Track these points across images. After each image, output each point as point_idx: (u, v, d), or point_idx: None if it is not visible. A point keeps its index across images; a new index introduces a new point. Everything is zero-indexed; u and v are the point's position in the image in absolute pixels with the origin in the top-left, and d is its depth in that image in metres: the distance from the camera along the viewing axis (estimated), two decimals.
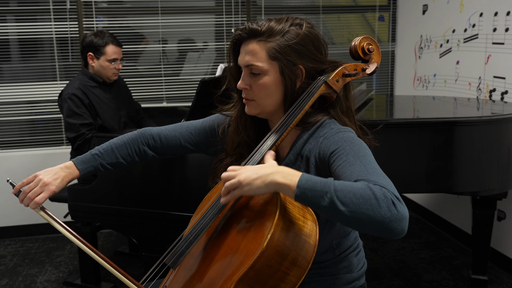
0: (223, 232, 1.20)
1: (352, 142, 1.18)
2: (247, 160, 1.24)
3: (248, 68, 1.27)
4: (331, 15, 4.14)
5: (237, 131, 1.37)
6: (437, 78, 3.62)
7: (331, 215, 1.02)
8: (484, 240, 2.44)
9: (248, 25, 1.26)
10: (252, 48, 1.25)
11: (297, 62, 1.24)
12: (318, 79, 1.27)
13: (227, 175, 1.12)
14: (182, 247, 1.18)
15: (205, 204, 1.33)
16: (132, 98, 3.20)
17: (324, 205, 1.00)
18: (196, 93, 2.31)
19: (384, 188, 1.01)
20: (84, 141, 2.70)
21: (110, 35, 2.86)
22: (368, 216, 0.98)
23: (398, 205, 0.99)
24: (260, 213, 1.13)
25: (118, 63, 2.87)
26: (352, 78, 1.31)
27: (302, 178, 1.04)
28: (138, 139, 1.47)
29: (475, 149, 2.19)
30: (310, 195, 1.02)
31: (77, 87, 2.77)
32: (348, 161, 1.12)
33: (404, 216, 0.99)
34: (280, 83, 1.26)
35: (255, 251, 1.05)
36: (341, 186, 1.01)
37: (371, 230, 1.00)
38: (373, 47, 1.34)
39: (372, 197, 0.98)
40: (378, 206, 0.98)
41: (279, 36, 1.24)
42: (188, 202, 2.09)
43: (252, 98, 1.29)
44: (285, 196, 1.14)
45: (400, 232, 0.99)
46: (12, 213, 3.62)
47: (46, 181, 1.32)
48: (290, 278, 1.09)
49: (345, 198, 0.99)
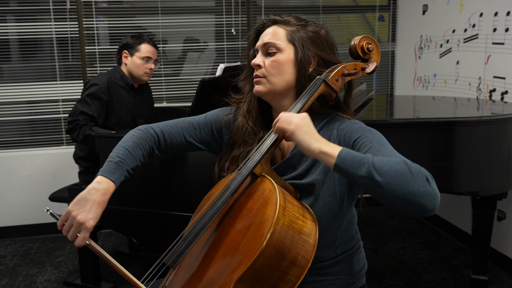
0: (223, 231, 1.20)
1: (371, 130, 1.24)
2: (246, 160, 1.24)
3: (265, 47, 1.33)
4: (331, 15, 4.14)
5: (245, 119, 1.40)
6: (437, 78, 3.62)
7: (368, 185, 1.06)
8: (484, 240, 2.44)
9: (272, 16, 1.37)
10: (272, 30, 1.34)
11: (312, 50, 1.30)
12: (318, 79, 1.28)
13: (286, 114, 1.19)
14: (182, 247, 1.18)
15: (205, 203, 1.33)
16: (154, 109, 3.18)
17: (362, 174, 1.06)
18: (196, 93, 2.31)
19: (418, 165, 1.07)
20: (75, 126, 2.68)
21: (147, 36, 2.89)
22: (403, 188, 1.03)
23: (432, 182, 1.05)
24: (260, 212, 1.13)
25: (152, 63, 2.87)
26: (352, 77, 1.31)
27: (343, 150, 1.10)
28: (146, 138, 1.40)
29: (475, 149, 2.19)
30: (349, 165, 1.08)
31: (105, 80, 2.77)
32: (374, 147, 1.17)
33: (436, 193, 1.05)
34: (293, 65, 1.31)
35: (255, 251, 1.05)
36: (379, 158, 1.07)
37: (404, 204, 1.04)
38: (372, 46, 1.35)
39: (408, 171, 1.04)
40: (413, 180, 1.03)
41: (299, 26, 1.33)
42: (188, 202, 2.09)
43: (263, 75, 1.33)
44: (284, 196, 1.14)
45: (431, 208, 1.04)
46: (12, 213, 3.62)
47: (80, 220, 1.18)
48: (289, 278, 1.09)
49: (382, 169, 1.04)
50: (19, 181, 3.62)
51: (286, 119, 1.17)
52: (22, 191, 3.62)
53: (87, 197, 1.21)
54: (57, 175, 3.62)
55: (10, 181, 3.60)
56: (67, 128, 2.73)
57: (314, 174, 1.25)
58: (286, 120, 1.17)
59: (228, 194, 1.19)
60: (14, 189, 3.61)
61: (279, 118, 1.19)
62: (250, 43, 1.41)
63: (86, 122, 2.68)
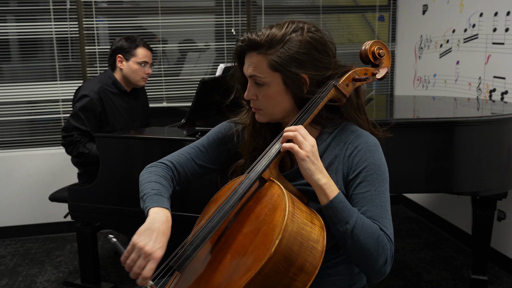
0: (230, 236, 1.18)
1: (379, 167, 1.25)
2: (255, 164, 1.23)
3: (252, 78, 1.27)
4: (331, 15, 4.14)
5: (251, 137, 1.37)
6: (437, 78, 3.62)
7: (338, 238, 1.17)
8: (484, 240, 2.44)
9: (247, 36, 1.25)
10: (254, 60, 1.25)
11: (299, 72, 1.22)
12: (328, 83, 1.26)
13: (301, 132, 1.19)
14: (189, 250, 1.17)
15: (212, 206, 1.31)
16: (148, 109, 3.14)
17: (339, 229, 1.15)
18: (196, 93, 2.31)
19: (389, 243, 1.17)
20: (69, 142, 2.67)
21: (141, 39, 2.80)
22: (363, 259, 1.16)
23: (388, 265, 1.18)
24: (268, 218, 1.12)
25: (148, 67, 2.80)
26: (362, 83, 1.30)
27: (339, 196, 1.16)
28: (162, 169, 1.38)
29: (475, 149, 2.19)
30: (335, 214, 1.15)
31: (96, 90, 2.70)
32: (369, 193, 1.21)
33: (385, 274, 1.19)
34: (285, 92, 1.26)
35: (263, 257, 1.04)
36: (360, 226, 1.15)
37: (356, 264, 1.20)
38: (383, 51, 1.33)
39: (376, 250, 1.15)
40: (376, 259, 1.15)
41: (280, 46, 1.22)
42: (188, 202, 2.09)
43: (259, 108, 1.30)
44: (293, 201, 1.13)
45: (373, 281, 1.21)
46: (12, 213, 3.62)
47: (149, 251, 1.13)
48: (297, 284, 1.08)
49: (357, 237, 1.14)
50: (19, 181, 3.62)
51: (301, 141, 1.17)
52: (22, 191, 3.62)
53: (151, 227, 1.17)
54: (57, 175, 3.62)
55: (10, 181, 3.60)
56: (61, 142, 2.72)
57: None
58: (300, 141, 1.17)
59: (236, 198, 1.18)
60: (14, 189, 3.60)
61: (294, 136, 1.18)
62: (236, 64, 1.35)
63: (80, 139, 2.66)
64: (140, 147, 2.21)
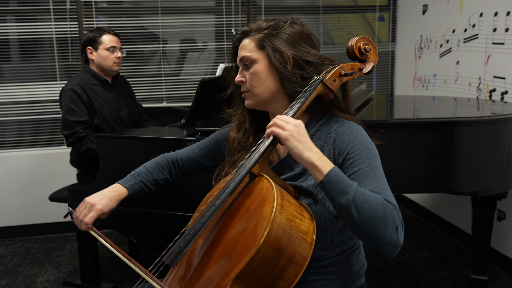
0: (221, 230, 1.21)
1: (366, 146, 1.23)
2: (245, 161, 1.25)
3: (242, 61, 1.35)
4: (331, 15, 4.14)
5: (238, 128, 1.43)
6: (437, 78, 3.62)
7: (342, 214, 1.11)
8: (484, 240, 2.44)
9: (240, 29, 1.38)
10: (243, 44, 1.36)
11: (284, 49, 1.30)
12: (315, 79, 1.29)
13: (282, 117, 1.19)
14: (180, 246, 1.20)
15: (204, 203, 1.34)
16: (136, 100, 3.17)
17: (340, 202, 1.09)
18: (196, 93, 2.31)
19: (395, 210, 1.11)
20: (76, 139, 2.68)
21: (105, 28, 2.88)
22: (372, 231, 1.08)
23: (400, 233, 1.10)
24: (257, 210, 1.14)
25: (118, 51, 2.86)
26: (349, 78, 1.32)
27: (334, 170, 1.12)
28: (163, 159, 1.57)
29: (475, 149, 2.19)
30: (333, 188, 1.10)
31: (77, 83, 2.76)
32: (363, 170, 1.18)
33: (399, 244, 1.11)
34: (271, 70, 1.32)
35: (252, 248, 1.06)
36: (362, 192, 1.09)
37: (367, 241, 1.11)
38: (369, 47, 1.35)
39: (383, 216, 1.08)
40: (385, 226, 1.08)
41: (268, 30, 1.33)
42: (188, 202, 2.09)
43: (247, 89, 1.35)
44: (282, 194, 1.15)
45: (389, 255, 1.12)
46: (12, 213, 3.62)
47: (92, 202, 1.38)
48: (287, 275, 1.10)
49: (360, 205, 1.08)
50: (19, 181, 3.62)
51: (281, 124, 1.17)
52: (22, 191, 3.62)
53: (102, 192, 1.41)
54: (57, 175, 3.62)
55: (10, 181, 3.60)
56: (67, 142, 2.73)
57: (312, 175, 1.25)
58: (280, 124, 1.17)
59: (227, 193, 1.20)
60: (14, 189, 3.61)
61: (273, 122, 1.19)
62: (231, 59, 1.43)
63: (87, 133, 2.68)
64: (140, 147, 2.21)
